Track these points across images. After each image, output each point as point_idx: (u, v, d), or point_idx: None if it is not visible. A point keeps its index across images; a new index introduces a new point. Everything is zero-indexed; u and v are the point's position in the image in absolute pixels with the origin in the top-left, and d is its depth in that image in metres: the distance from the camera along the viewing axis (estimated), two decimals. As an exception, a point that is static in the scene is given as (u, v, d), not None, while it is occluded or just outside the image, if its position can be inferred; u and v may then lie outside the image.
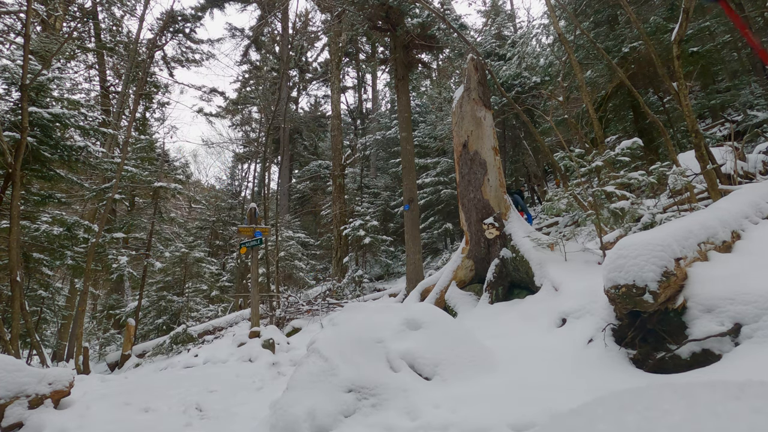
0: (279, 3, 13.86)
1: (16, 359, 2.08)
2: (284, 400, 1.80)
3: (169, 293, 12.26)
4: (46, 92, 7.93)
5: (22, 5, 8.42)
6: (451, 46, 11.36)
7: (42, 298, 9.53)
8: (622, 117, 12.07)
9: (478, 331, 3.35)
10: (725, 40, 11.32)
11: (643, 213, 3.81)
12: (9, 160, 5.73)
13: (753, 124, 9.77)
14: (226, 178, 25.68)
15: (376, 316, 2.27)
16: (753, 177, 6.57)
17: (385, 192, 17.87)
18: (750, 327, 1.94)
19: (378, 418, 1.65)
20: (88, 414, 2.16)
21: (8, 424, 1.90)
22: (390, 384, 1.81)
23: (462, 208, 5.48)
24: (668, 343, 2.13)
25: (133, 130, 12.15)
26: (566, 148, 5.35)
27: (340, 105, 15.20)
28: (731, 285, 2.13)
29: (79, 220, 8.85)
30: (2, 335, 5.21)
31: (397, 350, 2.03)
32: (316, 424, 1.65)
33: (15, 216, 5.64)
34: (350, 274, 12.17)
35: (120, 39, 14.53)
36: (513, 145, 15.57)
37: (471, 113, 5.50)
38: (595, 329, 2.53)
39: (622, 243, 2.29)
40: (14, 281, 5.55)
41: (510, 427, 1.51)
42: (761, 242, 2.68)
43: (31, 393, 2.01)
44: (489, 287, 4.73)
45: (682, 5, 4.31)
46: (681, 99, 4.43)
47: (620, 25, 10.55)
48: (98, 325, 14.97)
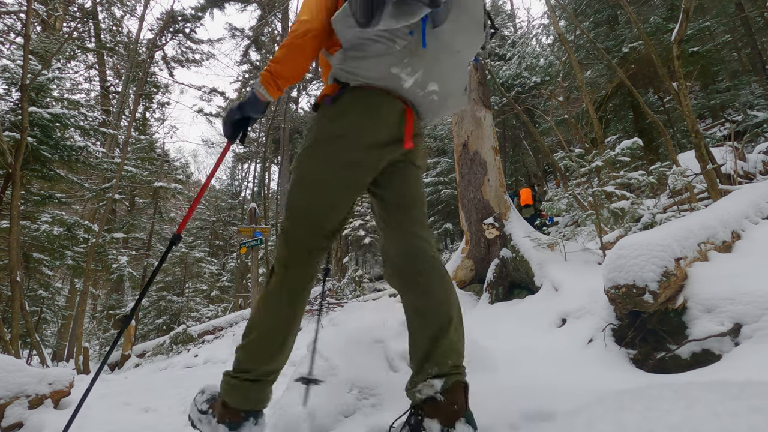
0: (279, 3, 13.87)
1: (16, 359, 2.08)
2: (284, 400, 1.79)
3: (169, 293, 12.28)
4: (46, 92, 7.93)
5: (22, 5, 8.42)
6: (451, 46, 11.35)
7: (42, 298, 9.53)
8: (622, 117, 12.07)
9: (478, 331, 3.35)
10: (725, 40, 11.33)
11: (643, 213, 3.81)
12: (9, 160, 5.73)
13: (753, 124, 9.77)
14: (226, 178, 25.69)
15: (376, 316, 2.27)
16: (753, 177, 6.57)
17: (385, 192, 17.85)
18: (750, 327, 1.94)
19: (378, 418, 1.65)
20: (88, 414, 2.16)
21: (8, 424, 1.90)
22: (390, 384, 1.81)
23: (462, 208, 5.48)
24: (668, 343, 2.13)
25: (133, 130, 12.16)
26: (566, 148, 5.35)
27: (340, 105, 15.18)
28: (731, 285, 2.13)
29: (79, 220, 8.85)
30: (2, 335, 5.21)
31: (398, 350, 2.03)
32: (316, 424, 1.65)
33: (15, 216, 5.64)
34: (350, 274, 12.17)
35: (120, 39, 14.53)
36: (513, 145, 15.57)
37: (471, 113, 5.50)
38: (595, 329, 2.53)
39: (622, 243, 2.29)
40: (14, 281, 5.55)
41: (510, 427, 1.51)
42: (761, 242, 2.68)
43: (31, 393, 2.02)
44: (489, 287, 4.73)
45: (682, 5, 4.31)
46: (681, 99, 4.43)
47: (620, 25, 10.55)
48: (98, 325, 14.99)
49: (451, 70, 1.27)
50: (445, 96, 1.31)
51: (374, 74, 1.20)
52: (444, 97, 1.31)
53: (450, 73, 1.27)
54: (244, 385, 1.28)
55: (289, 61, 1.19)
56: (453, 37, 1.21)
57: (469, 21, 1.22)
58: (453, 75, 1.28)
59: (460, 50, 1.25)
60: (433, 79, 1.25)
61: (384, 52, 1.18)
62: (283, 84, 1.21)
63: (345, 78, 1.23)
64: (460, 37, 1.23)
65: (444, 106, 1.34)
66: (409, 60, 1.19)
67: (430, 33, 1.19)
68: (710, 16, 10.03)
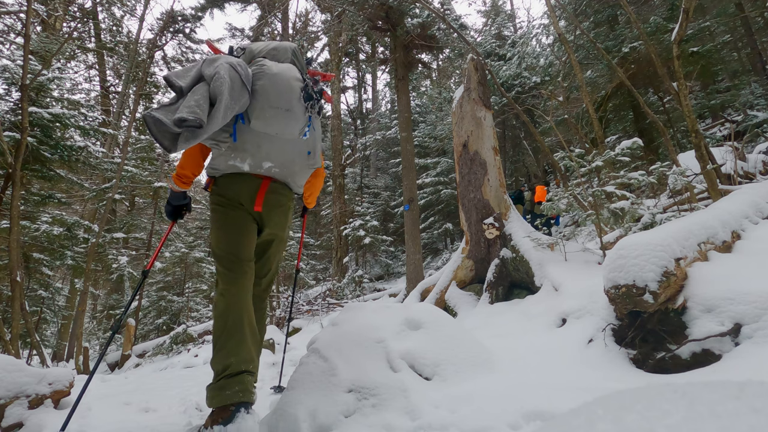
0: (279, 3, 13.86)
1: (16, 359, 2.08)
2: (284, 400, 1.79)
3: (169, 293, 12.28)
4: (46, 92, 7.93)
5: (22, 5, 8.42)
6: (451, 46, 11.36)
7: (42, 298, 9.53)
8: (622, 117, 12.07)
9: (478, 331, 3.35)
10: (725, 40, 11.33)
11: (643, 213, 3.80)
12: (9, 160, 5.73)
13: (753, 124, 9.77)
14: (226, 178, 25.60)
15: (376, 316, 2.27)
16: (753, 177, 6.57)
17: (385, 192, 17.87)
18: (750, 327, 1.94)
19: (378, 418, 1.65)
20: (89, 414, 2.16)
21: (8, 424, 1.90)
22: (390, 384, 1.81)
23: (462, 208, 5.48)
24: (668, 343, 2.13)
25: (133, 130, 12.15)
26: (566, 148, 5.35)
27: (340, 105, 15.19)
28: (731, 285, 2.13)
29: (79, 220, 8.86)
30: (2, 335, 5.21)
31: (397, 350, 2.03)
32: (316, 424, 1.65)
33: (15, 216, 5.64)
34: (350, 274, 12.17)
35: (120, 39, 14.52)
36: (513, 145, 15.57)
37: (471, 113, 5.50)
38: (595, 329, 2.53)
39: (622, 243, 2.29)
40: (14, 281, 5.55)
41: (510, 427, 1.51)
42: (761, 242, 2.68)
43: (31, 393, 2.01)
44: (489, 287, 4.73)
45: (682, 5, 4.31)
46: (681, 99, 4.43)
47: (620, 25, 10.54)
48: (98, 325, 14.99)
49: (280, 149, 1.71)
50: (285, 166, 1.76)
51: (222, 167, 1.73)
52: (284, 167, 1.76)
53: (280, 151, 1.72)
54: (226, 383, 1.54)
55: (185, 163, 1.74)
56: (265, 127, 1.66)
57: (275, 111, 1.65)
58: (284, 151, 1.73)
59: (278, 133, 1.68)
60: (264, 159, 1.71)
61: (218, 153, 1.72)
62: (185, 179, 1.75)
63: (211, 173, 1.79)
64: (272, 125, 1.66)
65: (293, 173, 1.81)
66: (235, 154, 1.69)
67: (244, 130, 1.66)
68: (710, 16, 10.03)
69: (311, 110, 1.75)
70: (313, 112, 1.77)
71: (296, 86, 1.70)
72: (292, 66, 1.81)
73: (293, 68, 1.78)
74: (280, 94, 1.66)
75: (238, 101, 1.55)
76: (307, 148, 1.78)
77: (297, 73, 1.76)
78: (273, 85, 1.66)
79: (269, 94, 1.64)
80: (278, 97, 1.65)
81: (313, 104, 1.75)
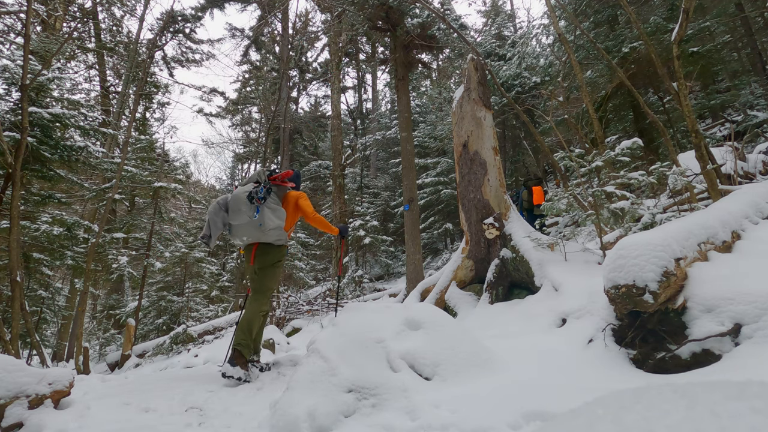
0: (279, 3, 13.86)
1: (16, 359, 2.08)
2: (284, 400, 1.79)
3: (169, 293, 12.28)
4: (46, 92, 7.93)
5: (22, 5, 8.42)
6: (451, 46, 11.36)
7: (42, 298, 9.53)
8: (622, 117, 12.06)
9: (478, 332, 3.35)
10: (725, 40, 11.33)
11: (643, 213, 3.80)
12: (9, 160, 5.73)
13: (753, 124, 9.77)
14: (226, 178, 25.69)
15: (376, 316, 2.27)
16: (753, 177, 6.57)
17: (385, 192, 17.87)
18: (750, 327, 1.94)
19: (378, 418, 1.65)
20: (89, 414, 2.16)
21: (8, 424, 1.90)
22: (390, 384, 1.81)
23: (462, 208, 5.48)
24: (668, 343, 2.13)
25: (133, 130, 12.15)
26: (566, 148, 5.35)
27: (340, 105, 15.19)
28: (731, 285, 2.13)
29: (79, 220, 8.85)
30: (2, 335, 5.21)
31: (397, 350, 2.03)
32: (316, 424, 1.64)
33: (15, 216, 5.64)
34: (350, 274, 12.17)
35: (120, 39, 14.53)
36: (513, 145, 15.57)
37: (471, 113, 5.50)
38: (595, 329, 2.53)
39: (622, 243, 2.28)
40: (14, 281, 5.55)
41: (510, 427, 1.51)
42: (761, 242, 2.68)
43: (31, 393, 2.01)
44: (489, 287, 4.73)
45: (682, 5, 4.31)
46: (681, 99, 4.43)
47: (620, 25, 10.54)
48: (98, 325, 14.99)
49: (242, 229, 3.08)
50: (248, 236, 3.10)
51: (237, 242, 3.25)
52: (249, 236, 3.10)
53: (243, 230, 3.08)
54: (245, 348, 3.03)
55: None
56: (234, 220, 3.10)
57: (238, 212, 3.06)
58: (245, 230, 3.07)
59: (238, 222, 3.08)
60: (240, 236, 3.13)
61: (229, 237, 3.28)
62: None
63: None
64: (235, 219, 3.09)
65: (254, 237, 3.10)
66: (232, 237, 3.20)
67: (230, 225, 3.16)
68: (710, 16, 10.02)
69: (257, 203, 2.99)
70: (260, 203, 2.99)
71: (243, 196, 3.05)
72: (250, 183, 3.18)
73: (249, 185, 3.13)
74: (235, 203, 3.10)
75: (217, 215, 3.19)
76: (259, 222, 2.99)
77: (250, 187, 3.10)
78: (232, 201, 3.13)
79: (231, 206, 3.14)
80: (239, 202, 3.07)
81: (253, 200, 2.99)
